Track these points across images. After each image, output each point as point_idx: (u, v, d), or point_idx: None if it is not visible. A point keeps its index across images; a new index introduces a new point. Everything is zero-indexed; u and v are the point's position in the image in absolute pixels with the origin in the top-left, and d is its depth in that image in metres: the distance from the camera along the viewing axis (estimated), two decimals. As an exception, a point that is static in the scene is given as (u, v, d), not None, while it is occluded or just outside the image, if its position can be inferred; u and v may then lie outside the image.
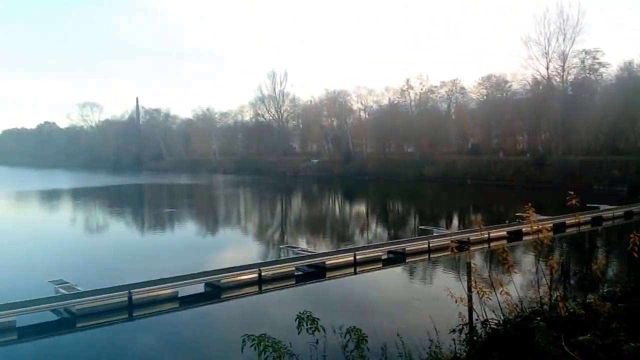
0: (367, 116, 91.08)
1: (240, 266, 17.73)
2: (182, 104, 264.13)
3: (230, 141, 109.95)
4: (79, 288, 14.89)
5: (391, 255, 21.19)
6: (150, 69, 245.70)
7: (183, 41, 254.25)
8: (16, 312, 12.78)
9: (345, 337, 4.38)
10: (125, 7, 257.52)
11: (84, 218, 38.15)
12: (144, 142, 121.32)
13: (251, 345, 3.92)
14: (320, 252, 21.18)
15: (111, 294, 14.32)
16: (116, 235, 30.50)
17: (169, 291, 15.24)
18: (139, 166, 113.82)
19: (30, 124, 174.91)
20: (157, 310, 14.68)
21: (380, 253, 20.88)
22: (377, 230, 32.27)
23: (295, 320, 4.26)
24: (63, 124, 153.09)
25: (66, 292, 14.53)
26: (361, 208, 45.78)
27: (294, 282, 17.82)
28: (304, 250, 20.93)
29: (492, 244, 20.47)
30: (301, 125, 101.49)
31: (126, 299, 14.37)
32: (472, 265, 6.20)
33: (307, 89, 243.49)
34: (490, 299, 5.61)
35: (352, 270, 19.21)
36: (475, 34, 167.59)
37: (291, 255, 20.34)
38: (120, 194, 59.78)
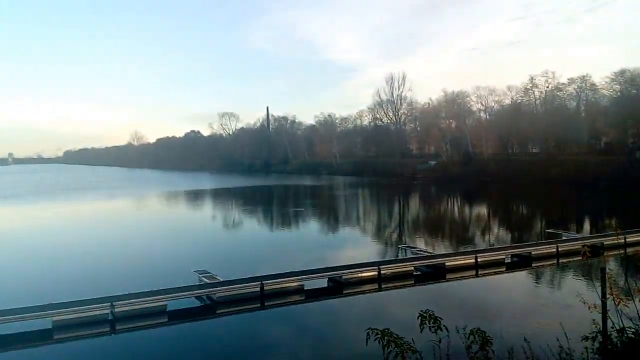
0: (487, 117, 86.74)
1: (361, 264, 17.83)
2: (307, 112, 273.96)
3: (350, 145, 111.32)
4: (219, 278, 16.01)
5: (516, 259, 19.96)
6: (280, 81, 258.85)
7: (310, 53, 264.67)
8: (167, 297, 14.08)
9: (469, 339, 4.20)
10: (260, 24, 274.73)
11: (222, 215, 40.98)
12: (273, 148, 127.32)
13: (375, 339, 3.92)
14: (440, 253, 20.62)
15: (246, 285, 15.22)
16: (250, 231, 32.37)
17: (295, 284, 15.82)
18: (268, 169, 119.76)
19: (179, 133, 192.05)
20: (285, 302, 15.29)
21: (504, 256, 19.72)
22: (499, 233, 30.57)
23: (418, 318, 4.18)
24: (206, 132, 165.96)
25: (208, 282, 15.72)
26: (482, 210, 43.70)
27: (413, 282, 17.53)
28: (423, 251, 20.48)
29: (629, 250, 18.36)
30: (419, 128, 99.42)
31: (259, 289, 15.17)
32: (607, 271, 5.60)
33: (425, 91, 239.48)
34: (627, 306, 5.04)
35: (473, 272, 18.40)
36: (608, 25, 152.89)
37: (410, 256, 20.01)
38: (252, 195, 63.33)
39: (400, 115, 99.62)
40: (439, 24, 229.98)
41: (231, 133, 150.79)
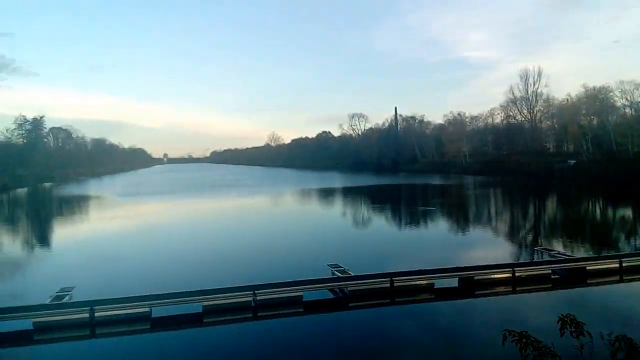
0: (633, 112, 77.12)
1: (494, 265, 17.04)
2: (435, 111, 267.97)
3: (480, 143, 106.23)
4: (350, 272, 16.42)
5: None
6: (408, 80, 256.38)
7: (439, 52, 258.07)
8: (303, 288, 14.77)
9: (613, 345, 3.90)
10: (390, 24, 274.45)
11: (352, 212, 41.76)
12: (401, 147, 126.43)
13: (512, 341, 3.81)
14: (580, 256, 18.91)
15: (376, 280, 15.40)
16: (378, 227, 32.58)
17: (425, 282, 15.63)
18: (396, 168, 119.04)
19: (312, 133, 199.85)
20: (414, 299, 15.18)
21: (657, 262, 17.53)
22: (649, 236, 27.10)
23: (557, 322, 3.97)
24: (336, 132, 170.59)
25: (340, 275, 16.21)
26: (627, 212, 38.97)
27: (549, 285, 16.31)
28: (561, 254, 18.93)
29: None
30: (556, 125, 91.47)
31: (389, 285, 15.26)
32: None
33: (562, 87, 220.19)
34: None
35: (617, 277, 16.67)
36: None
37: (546, 258, 18.65)
38: (380, 193, 63.53)
39: (535, 112, 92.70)
40: (576, 16, 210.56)
41: (360, 133, 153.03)
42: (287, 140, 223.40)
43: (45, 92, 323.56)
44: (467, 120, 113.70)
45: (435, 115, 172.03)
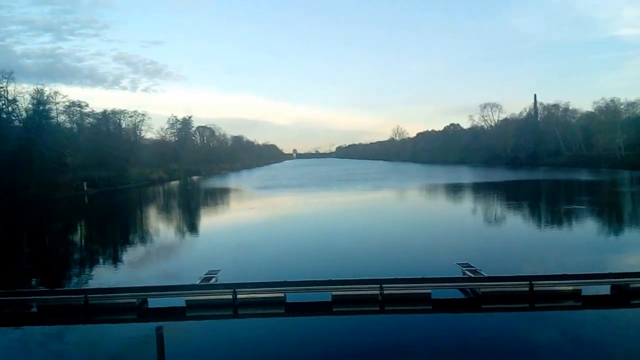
0: None
1: (656, 273, 15.08)
2: (583, 97, 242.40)
3: (638, 134, 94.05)
4: (482, 272, 15.69)
5: None
6: (550, 65, 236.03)
7: (587, 31, 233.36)
8: (431, 286, 14.47)
9: None
10: (528, 4, 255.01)
11: (483, 209, 39.79)
12: (541, 138, 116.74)
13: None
14: None
15: (513, 282, 14.48)
16: (513, 226, 30.57)
17: (571, 288, 14.33)
18: (535, 162, 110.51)
19: (439, 126, 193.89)
20: (557, 305, 14.02)
21: None
22: None
23: None
24: (465, 124, 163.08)
25: (471, 275, 15.57)
26: None
27: None
28: None
29: None
30: None
31: (527, 289, 14.25)
32: None
33: None
34: None
35: None
36: None
37: None
38: (516, 189, 59.58)
39: None
40: None
41: (493, 124, 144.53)
42: (412, 134, 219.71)
43: (192, 94, 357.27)
44: (622, 107, 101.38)
45: (583, 102, 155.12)
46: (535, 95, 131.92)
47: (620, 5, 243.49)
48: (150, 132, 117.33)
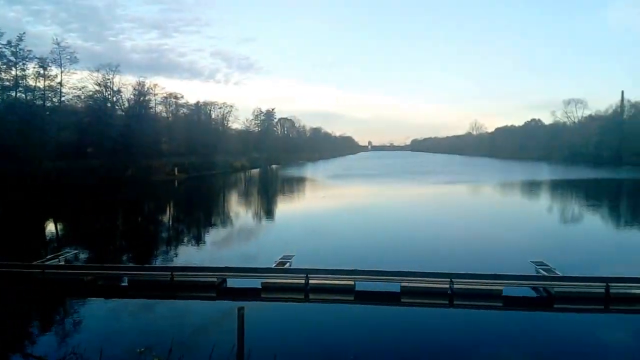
0: None
1: None
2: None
3: None
4: (557, 272, 14.82)
5: None
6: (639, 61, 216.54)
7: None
8: (503, 282, 13.87)
9: None
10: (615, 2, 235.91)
11: (560, 207, 37.46)
12: (628, 136, 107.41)
13: None
14: None
15: (588, 283, 13.59)
16: (591, 226, 28.56)
17: (648, 291, 13.21)
18: (619, 161, 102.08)
19: (518, 121, 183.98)
20: (634, 309, 13.04)
21: None
22: None
23: None
24: (547, 120, 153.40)
25: (545, 274, 14.74)
26: None
27: None
28: None
29: None
30: None
31: (603, 290, 13.30)
32: None
33: None
34: None
35: None
36: None
37: None
38: (597, 188, 55.45)
39: None
40: None
41: (576, 121, 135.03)
42: (490, 129, 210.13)
43: (277, 87, 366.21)
44: None
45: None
46: (622, 92, 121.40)
47: None
48: (237, 123, 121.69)
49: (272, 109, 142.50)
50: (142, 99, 71.45)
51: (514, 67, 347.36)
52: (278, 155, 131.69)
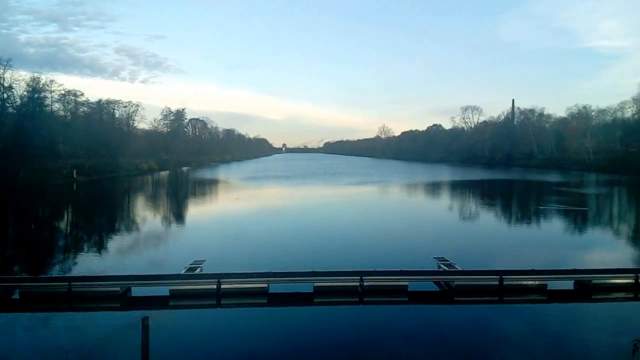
0: None
1: (615, 269, 15.40)
2: (557, 104, 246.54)
3: (606, 139, 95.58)
4: (457, 266, 15.85)
5: None
6: (529, 72, 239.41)
7: (566, 41, 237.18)
8: (409, 278, 14.57)
9: None
10: (514, 14, 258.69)
11: (459, 206, 40.15)
12: (517, 141, 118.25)
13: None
14: None
15: (484, 276, 14.69)
16: (487, 223, 30.94)
17: (537, 282, 14.58)
18: (510, 163, 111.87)
19: (422, 126, 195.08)
20: (524, 299, 14.25)
21: None
22: None
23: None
24: (447, 125, 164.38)
25: (446, 269, 15.70)
26: None
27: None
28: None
29: None
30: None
31: (497, 282, 14.46)
32: None
33: None
34: None
35: None
36: None
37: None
38: (491, 188, 60.22)
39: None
40: None
41: (472, 126, 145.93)
42: (397, 133, 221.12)
43: (188, 87, 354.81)
44: (593, 114, 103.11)
45: (557, 108, 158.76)
46: (513, 100, 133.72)
47: (596, 19, 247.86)
48: (144, 123, 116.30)
49: (183, 109, 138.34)
50: (36, 96, 65.42)
51: (418, 75, 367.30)
52: (189, 157, 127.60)
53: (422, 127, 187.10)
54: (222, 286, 14.03)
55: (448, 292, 14.66)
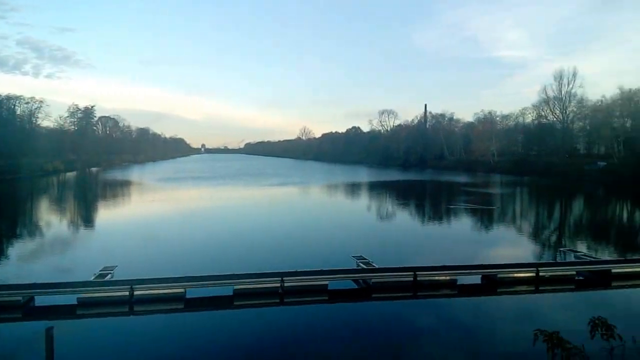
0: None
1: (518, 263, 16.67)
2: (466, 109, 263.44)
3: (509, 143, 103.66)
4: (374, 264, 16.31)
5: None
6: (441, 79, 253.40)
7: (473, 50, 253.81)
8: (328, 277, 14.76)
9: (645, 350, 3.71)
10: (426, 23, 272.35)
11: (377, 206, 41.48)
12: (429, 144, 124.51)
13: (543, 340, 3.66)
14: (606, 259, 18.28)
15: (400, 273, 15.24)
16: (403, 222, 32.25)
17: (448, 278, 15.38)
18: (424, 165, 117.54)
19: (342, 128, 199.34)
20: (437, 293, 14.96)
21: (684, 267, 16.79)
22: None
23: (588, 324, 3.80)
24: (365, 128, 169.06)
25: (364, 267, 16.11)
26: (659, 216, 37.46)
27: (573, 287, 15.85)
28: (586, 255, 18.31)
29: None
30: (588, 127, 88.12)
31: (411, 279, 15.08)
32: None
33: (596, 88, 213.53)
34: None
35: (644, 281, 16.02)
36: None
37: (571, 259, 18.08)
38: (406, 188, 62.89)
39: (567, 112, 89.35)
40: (615, 18, 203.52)
41: (389, 129, 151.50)
42: (318, 134, 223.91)
43: (99, 84, 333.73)
44: (497, 119, 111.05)
45: (466, 113, 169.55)
46: (425, 105, 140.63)
47: (501, 30, 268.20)
48: (48, 121, 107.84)
49: (92, 106, 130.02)
50: None
51: (339, 78, 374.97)
52: (99, 157, 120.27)
53: (342, 129, 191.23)
54: (135, 292, 13.33)
55: (366, 290, 15.03)
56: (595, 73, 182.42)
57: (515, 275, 15.87)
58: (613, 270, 16.33)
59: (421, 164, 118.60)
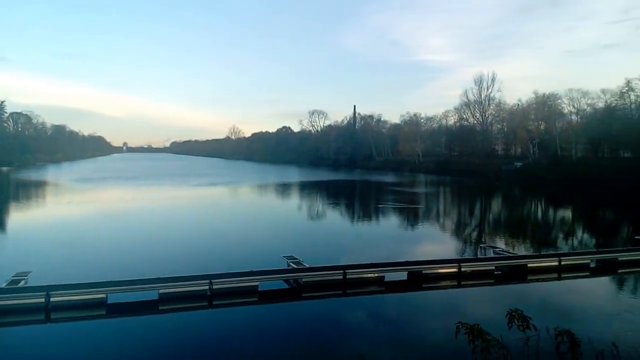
0: (578, 119, 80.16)
1: (441, 260, 17.44)
2: (392, 111, 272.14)
3: (433, 144, 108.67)
4: (304, 264, 16.38)
5: (600, 264, 18.54)
6: (368, 81, 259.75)
7: (399, 54, 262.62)
8: (259, 278, 14.65)
9: (557, 339, 4.00)
10: (353, 26, 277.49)
11: (308, 206, 41.76)
12: (358, 144, 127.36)
13: (465, 333, 3.85)
14: (522, 254, 19.63)
15: (329, 272, 15.44)
16: (333, 222, 32.69)
17: (376, 275, 15.78)
18: (353, 165, 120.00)
19: (272, 128, 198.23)
20: (365, 291, 15.31)
21: (588, 260, 18.39)
22: (583, 237, 28.44)
23: (506, 316, 4.05)
24: (296, 128, 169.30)
25: (295, 266, 16.13)
26: (566, 213, 40.81)
27: (492, 281, 16.84)
28: (504, 251, 19.57)
29: None
30: (505, 129, 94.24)
31: (341, 277, 15.32)
32: None
33: (514, 93, 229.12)
34: None
35: (555, 275, 17.35)
36: None
37: (490, 255, 19.23)
38: (336, 188, 63.86)
39: (487, 115, 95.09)
40: (532, 25, 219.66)
41: (319, 129, 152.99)
42: (248, 134, 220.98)
43: (13, 77, 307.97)
44: (422, 121, 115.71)
45: (393, 115, 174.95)
46: (354, 106, 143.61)
47: (425, 35, 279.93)
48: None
49: (2, 102, 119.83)
50: None
51: (268, 77, 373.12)
52: (10, 155, 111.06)
53: (273, 129, 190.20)
54: (52, 299, 12.46)
55: (297, 289, 15.07)
56: (514, 78, 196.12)
57: (439, 270, 16.59)
58: (529, 265, 17.53)
59: (351, 164, 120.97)
